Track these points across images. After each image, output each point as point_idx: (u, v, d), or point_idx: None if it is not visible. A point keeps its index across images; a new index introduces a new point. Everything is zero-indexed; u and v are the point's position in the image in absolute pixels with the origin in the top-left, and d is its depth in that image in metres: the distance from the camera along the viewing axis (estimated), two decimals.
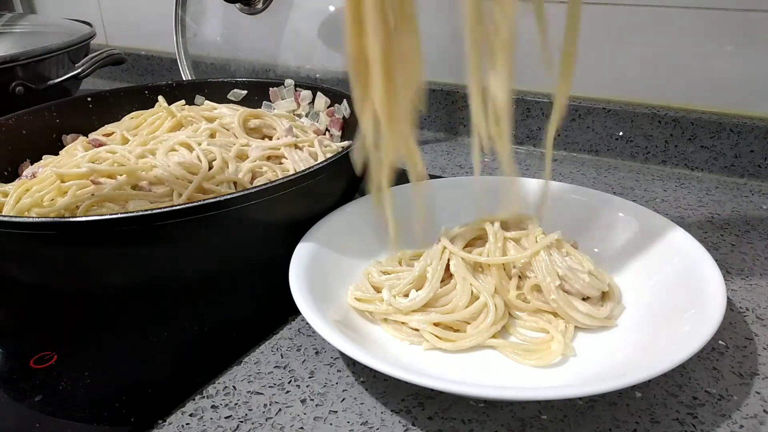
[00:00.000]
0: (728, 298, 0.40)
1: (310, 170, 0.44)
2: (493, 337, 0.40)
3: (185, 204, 0.39)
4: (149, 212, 0.38)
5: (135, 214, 0.38)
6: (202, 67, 0.86)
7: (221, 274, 0.44)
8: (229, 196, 0.40)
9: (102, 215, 0.38)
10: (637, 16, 0.64)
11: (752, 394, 0.36)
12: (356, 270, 0.46)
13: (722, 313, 0.35)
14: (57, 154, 0.58)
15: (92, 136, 0.61)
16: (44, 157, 0.58)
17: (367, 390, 0.37)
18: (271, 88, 0.67)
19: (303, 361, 0.40)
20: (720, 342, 0.40)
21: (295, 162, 0.54)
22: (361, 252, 0.46)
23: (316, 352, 0.41)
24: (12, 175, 0.58)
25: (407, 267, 0.45)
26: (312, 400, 0.37)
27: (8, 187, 0.52)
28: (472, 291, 0.41)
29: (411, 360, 0.39)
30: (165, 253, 0.42)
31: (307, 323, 0.37)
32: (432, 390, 0.36)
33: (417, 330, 0.40)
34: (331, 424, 0.35)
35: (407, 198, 0.42)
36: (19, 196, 0.48)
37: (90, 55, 0.79)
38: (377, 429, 0.34)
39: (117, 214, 0.38)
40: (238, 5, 0.80)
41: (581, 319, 0.40)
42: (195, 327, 0.43)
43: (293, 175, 0.44)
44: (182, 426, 0.35)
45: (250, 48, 0.83)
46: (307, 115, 0.66)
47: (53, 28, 0.84)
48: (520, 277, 0.42)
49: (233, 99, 0.68)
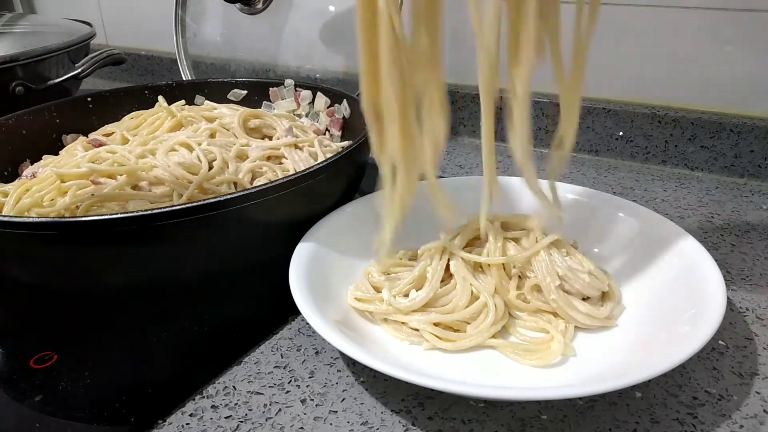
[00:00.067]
0: (728, 298, 0.40)
1: (310, 170, 0.44)
2: (493, 337, 0.40)
3: (185, 204, 0.39)
4: (149, 212, 0.38)
5: (135, 214, 0.38)
6: (202, 67, 0.86)
7: (221, 274, 0.44)
8: (229, 196, 0.40)
9: (102, 215, 0.38)
10: (637, 16, 0.64)
11: (752, 394, 0.36)
12: (356, 270, 0.46)
13: (722, 313, 0.35)
14: (57, 154, 0.58)
15: (92, 136, 0.60)
16: (44, 157, 0.58)
17: (367, 390, 0.37)
18: (271, 88, 0.67)
19: (303, 361, 0.40)
20: (720, 342, 0.40)
21: (295, 162, 0.54)
22: (361, 252, 0.46)
23: (316, 352, 0.41)
24: (12, 175, 0.58)
25: (407, 266, 0.45)
26: (312, 400, 0.37)
27: (8, 187, 0.52)
28: (472, 291, 0.41)
29: (411, 360, 0.39)
30: (165, 253, 0.42)
31: (307, 323, 0.37)
32: (432, 390, 0.36)
33: (417, 330, 0.40)
34: (331, 424, 0.35)
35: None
36: (19, 196, 0.48)
37: (90, 55, 0.79)
38: (377, 429, 0.34)
39: (117, 214, 0.38)
40: (238, 5, 0.79)
41: (581, 319, 0.40)
42: (195, 327, 0.43)
43: (293, 175, 0.44)
44: (182, 426, 0.35)
45: (250, 48, 0.82)
46: (307, 115, 0.66)
47: (53, 28, 0.84)
48: (520, 277, 0.42)
49: (233, 99, 0.68)
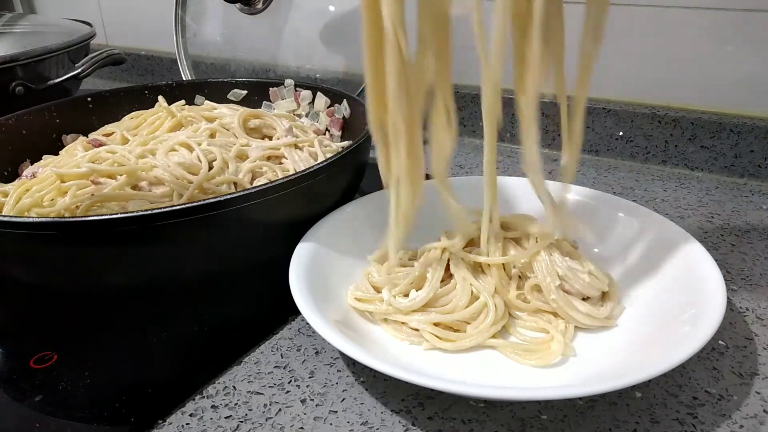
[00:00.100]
0: (728, 298, 0.40)
1: (310, 170, 0.44)
2: (493, 337, 0.40)
3: (185, 204, 0.39)
4: (149, 212, 0.38)
5: (135, 214, 0.38)
6: (202, 67, 0.86)
7: (221, 274, 0.44)
8: (229, 196, 0.40)
9: (102, 215, 0.38)
10: (637, 16, 0.64)
11: (752, 394, 0.36)
12: (356, 270, 0.46)
13: (722, 313, 0.35)
14: (57, 154, 0.58)
15: (92, 136, 0.60)
16: (44, 157, 0.58)
17: (367, 390, 0.37)
18: (271, 88, 0.67)
19: (303, 361, 0.40)
20: (720, 342, 0.40)
21: (295, 162, 0.54)
22: (361, 252, 0.46)
23: (316, 352, 0.41)
24: (12, 175, 0.58)
25: (407, 266, 0.45)
26: (312, 400, 0.37)
27: (8, 187, 0.52)
28: (472, 291, 0.41)
29: (411, 360, 0.39)
30: (165, 253, 0.42)
31: (307, 323, 0.37)
32: (432, 390, 0.36)
33: (417, 330, 0.40)
34: (331, 424, 0.35)
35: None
36: (19, 196, 0.48)
37: (90, 55, 0.79)
38: (377, 429, 0.34)
39: (117, 214, 0.38)
40: (238, 5, 0.79)
41: (581, 319, 0.40)
42: (195, 327, 0.43)
43: (293, 175, 0.44)
44: (182, 426, 0.35)
45: (250, 48, 0.82)
46: (307, 115, 0.66)
47: (53, 28, 0.84)
48: (520, 277, 0.42)
49: (233, 99, 0.68)
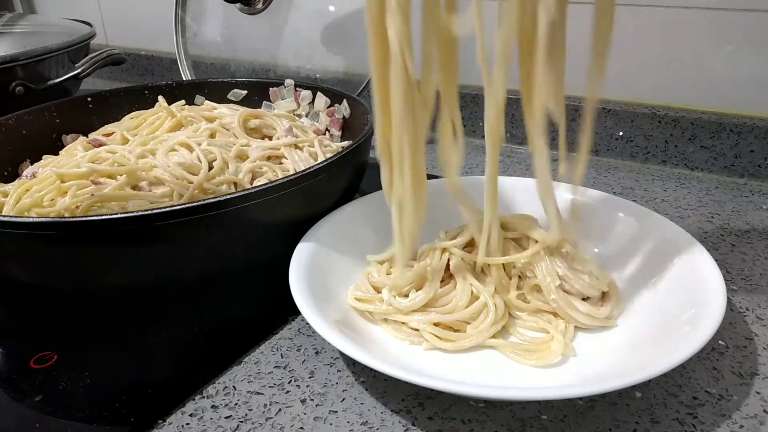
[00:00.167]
0: (728, 298, 0.40)
1: (310, 170, 0.44)
2: (493, 337, 0.40)
3: (185, 204, 0.39)
4: (149, 212, 0.38)
5: (135, 214, 0.38)
6: (202, 67, 0.86)
7: (221, 274, 0.44)
8: (229, 196, 0.40)
9: (102, 215, 0.38)
10: (637, 16, 0.64)
11: (752, 394, 0.36)
12: (356, 270, 0.46)
13: (722, 313, 0.35)
14: (57, 154, 0.58)
15: (92, 136, 0.60)
16: (44, 157, 0.58)
17: (367, 390, 0.37)
18: (271, 88, 0.67)
19: (303, 361, 0.40)
20: (720, 342, 0.40)
21: (295, 162, 0.54)
22: (361, 252, 0.46)
23: (316, 352, 0.41)
24: (12, 175, 0.58)
25: (407, 265, 0.45)
26: (312, 400, 0.37)
27: (8, 187, 0.52)
28: (472, 291, 0.41)
29: (411, 360, 0.39)
30: (165, 253, 0.42)
31: (307, 323, 0.37)
32: (432, 390, 0.36)
33: (417, 330, 0.40)
34: (331, 424, 0.35)
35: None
36: (19, 196, 0.48)
37: (90, 55, 0.79)
38: (377, 429, 0.34)
39: (117, 214, 0.38)
40: (238, 5, 0.79)
41: (581, 319, 0.40)
42: (195, 327, 0.43)
43: (293, 175, 0.44)
44: (182, 426, 0.35)
45: (250, 48, 0.82)
46: (307, 115, 0.66)
47: (53, 28, 0.84)
48: (520, 277, 0.42)
49: (233, 99, 0.68)
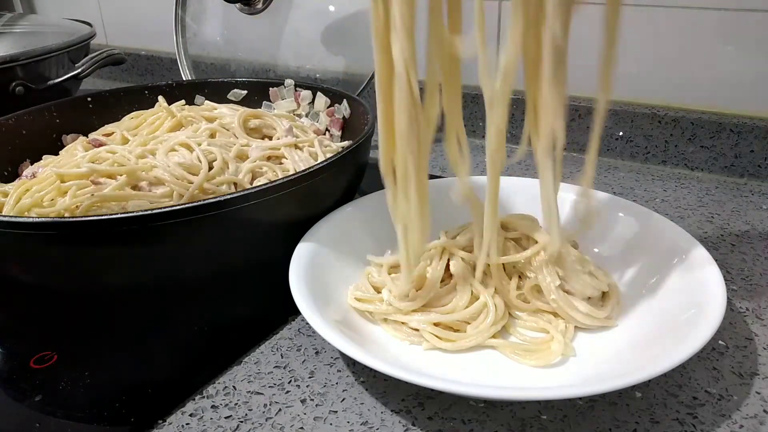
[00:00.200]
0: (728, 298, 0.40)
1: (310, 170, 0.44)
2: (493, 337, 0.40)
3: (185, 204, 0.39)
4: (149, 212, 0.38)
5: (135, 214, 0.38)
6: (202, 67, 0.86)
7: (221, 274, 0.44)
8: (229, 196, 0.40)
9: (102, 215, 0.38)
10: (637, 16, 0.64)
11: (752, 394, 0.36)
12: (356, 270, 0.46)
13: (722, 313, 0.35)
14: (57, 154, 0.58)
15: (92, 136, 0.60)
16: (44, 157, 0.58)
17: (367, 390, 0.37)
18: (271, 88, 0.67)
19: (303, 361, 0.40)
20: (720, 342, 0.40)
21: (295, 162, 0.54)
22: (361, 252, 0.46)
23: (316, 352, 0.41)
24: (12, 175, 0.58)
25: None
26: (312, 400, 0.37)
27: (8, 187, 0.52)
28: (472, 291, 0.41)
29: (411, 360, 0.39)
30: (165, 253, 0.42)
31: (307, 323, 0.37)
32: (432, 390, 0.36)
33: (417, 330, 0.40)
34: (331, 424, 0.35)
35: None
36: (19, 196, 0.48)
37: (90, 55, 0.79)
38: (377, 429, 0.34)
39: (117, 214, 0.38)
40: (238, 5, 0.79)
41: (581, 319, 0.40)
42: (195, 327, 0.43)
43: (293, 175, 0.44)
44: (182, 426, 0.35)
45: (250, 48, 0.82)
46: (307, 115, 0.66)
47: (53, 28, 0.84)
48: (520, 277, 0.42)
49: (233, 99, 0.68)
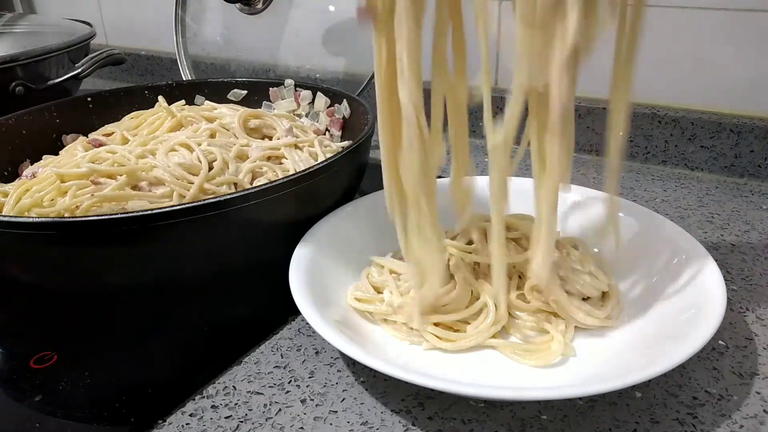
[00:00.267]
0: (728, 298, 0.40)
1: (310, 170, 0.44)
2: (493, 337, 0.40)
3: (185, 204, 0.39)
4: (149, 212, 0.38)
5: (135, 214, 0.38)
6: (202, 67, 0.86)
7: (221, 274, 0.44)
8: (229, 196, 0.40)
9: (102, 215, 0.38)
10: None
11: (752, 394, 0.36)
12: (356, 270, 0.46)
13: (722, 313, 0.35)
14: (57, 154, 0.58)
15: (92, 136, 0.60)
16: (44, 157, 0.58)
17: (367, 390, 0.37)
18: (271, 88, 0.67)
19: (303, 361, 0.40)
20: (720, 342, 0.40)
21: (295, 162, 0.54)
22: (361, 252, 0.46)
23: (316, 352, 0.41)
24: (12, 175, 0.58)
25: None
26: (312, 400, 0.37)
27: (8, 187, 0.52)
28: (471, 291, 0.41)
29: (411, 360, 0.39)
30: (165, 253, 0.42)
31: (307, 323, 0.37)
32: (432, 390, 0.36)
33: (417, 330, 0.40)
34: (331, 424, 0.35)
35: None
36: (19, 196, 0.48)
37: (90, 55, 0.79)
38: (377, 429, 0.34)
39: (117, 214, 0.38)
40: (238, 5, 0.79)
41: (581, 319, 0.40)
42: (195, 327, 0.43)
43: (293, 175, 0.44)
44: (182, 426, 0.35)
45: (250, 48, 0.82)
46: (307, 115, 0.66)
47: (53, 28, 0.84)
48: (520, 277, 0.42)
49: (233, 99, 0.68)
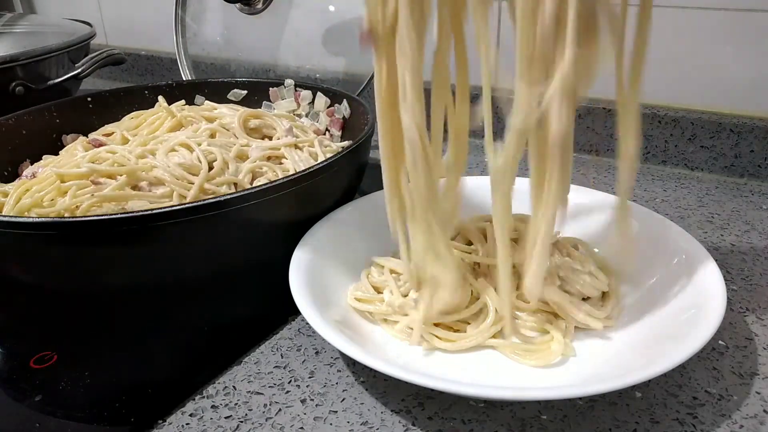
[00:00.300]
0: (728, 298, 0.40)
1: (310, 170, 0.44)
2: (493, 337, 0.40)
3: (185, 204, 0.39)
4: (149, 212, 0.38)
5: (135, 214, 0.38)
6: (202, 67, 0.86)
7: (221, 274, 0.44)
8: (229, 196, 0.40)
9: (102, 215, 0.38)
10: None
11: (752, 394, 0.36)
12: (356, 270, 0.46)
13: (722, 313, 0.35)
14: (57, 154, 0.58)
15: (92, 136, 0.60)
16: (44, 157, 0.58)
17: (367, 390, 0.37)
18: (271, 88, 0.67)
19: (303, 361, 0.40)
20: (720, 342, 0.40)
21: (295, 162, 0.54)
22: (361, 252, 0.46)
23: (316, 352, 0.41)
24: (12, 175, 0.58)
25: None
26: (312, 400, 0.37)
27: (8, 187, 0.52)
28: (471, 291, 0.41)
29: (411, 360, 0.39)
30: (165, 253, 0.42)
31: (307, 323, 0.37)
32: (432, 390, 0.36)
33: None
34: (331, 424, 0.35)
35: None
36: (19, 196, 0.48)
37: (90, 55, 0.79)
38: (377, 429, 0.34)
39: (117, 214, 0.38)
40: (238, 5, 0.79)
41: (581, 320, 0.40)
42: (195, 327, 0.43)
43: (293, 175, 0.44)
44: (182, 426, 0.35)
45: (250, 48, 0.82)
46: (307, 115, 0.66)
47: (53, 28, 0.84)
48: (520, 277, 0.42)
49: (233, 99, 0.68)
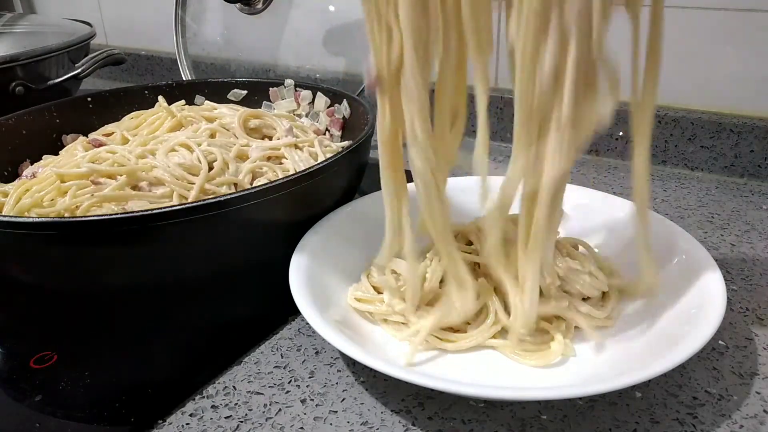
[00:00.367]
0: (728, 298, 0.40)
1: (310, 170, 0.44)
2: (493, 337, 0.40)
3: (185, 204, 0.39)
4: (149, 212, 0.38)
5: (135, 214, 0.38)
6: (202, 67, 0.86)
7: (221, 274, 0.44)
8: (229, 196, 0.40)
9: (102, 215, 0.38)
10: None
11: (752, 394, 0.36)
12: (356, 270, 0.46)
13: (722, 313, 0.35)
14: (57, 154, 0.58)
15: (92, 136, 0.60)
16: (44, 157, 0.58)
17: (367, 390, 0.37)
18: (271, 88, 0.67)
19: (303, 361, 0.40)
20: (720, 342, 0.40)
21: (295, 162, 0.54)
22: (361, 252, 0.46)
23: (316, 352, 0.41)
24: (12, 175, 0.58)
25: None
26: (312, 400, 0.37)
27: (8, 187, 0.52)
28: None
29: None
30: (165, 253, 0.42)
31: (307, 323, 0.37)
32: (432, 390, 0.36)
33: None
34: (331, 424, 0.35)
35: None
36: (19, 196, 0.48)
37: (90, 55, 0.79)
38: (377, 429, 0.34)
39: (117, 214, 0.38)
40: (238, 5, 0.79)
41: (581, 320, 0.40)
42: (195, 327, 0.43)
43: (293, 175, 0.44)
44: (182, 426, 0.35)
45: (250, 48, 0.83)
46: (307, 115, 0.66)
47: (53, 28, 0.84)
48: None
49: (233, 99, 0.68)
